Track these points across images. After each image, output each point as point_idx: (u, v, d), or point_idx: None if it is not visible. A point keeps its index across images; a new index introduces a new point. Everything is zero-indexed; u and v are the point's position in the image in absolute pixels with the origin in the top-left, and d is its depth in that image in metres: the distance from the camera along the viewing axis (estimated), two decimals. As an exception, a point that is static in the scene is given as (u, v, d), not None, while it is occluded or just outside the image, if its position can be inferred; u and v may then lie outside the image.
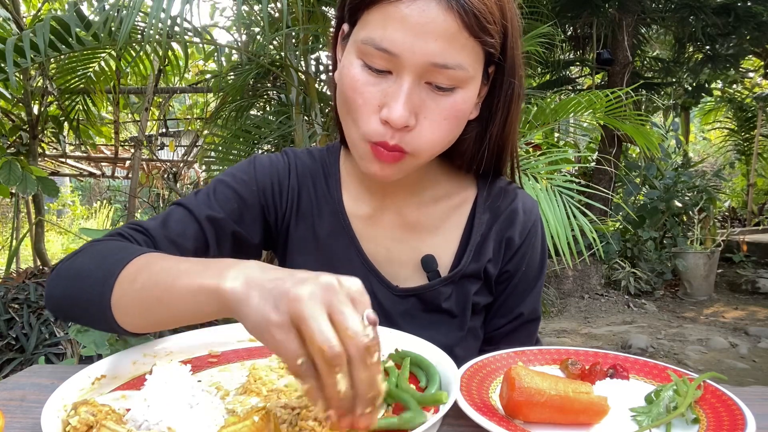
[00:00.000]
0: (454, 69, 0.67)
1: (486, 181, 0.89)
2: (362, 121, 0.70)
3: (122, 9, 2.18)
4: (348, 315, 0.47)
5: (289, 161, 0.88)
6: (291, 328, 0.47)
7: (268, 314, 0.48)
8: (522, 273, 0.89)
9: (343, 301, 0.48)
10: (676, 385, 0.63)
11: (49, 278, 0.74)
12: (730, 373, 3.30)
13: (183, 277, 0.57)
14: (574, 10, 5.02)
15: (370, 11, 0.68)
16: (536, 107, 2.53)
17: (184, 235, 0.79)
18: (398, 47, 0.66)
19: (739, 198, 8.63)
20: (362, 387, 0.47)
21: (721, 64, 5.69)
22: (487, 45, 0.68)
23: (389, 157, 0.71)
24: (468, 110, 0.73)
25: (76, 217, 8.34)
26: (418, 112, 0.69)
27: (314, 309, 0.47)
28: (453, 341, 0.85)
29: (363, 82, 0.69)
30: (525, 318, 0.89)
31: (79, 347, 2.13)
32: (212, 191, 0.83)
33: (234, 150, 3.15)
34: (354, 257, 0.85)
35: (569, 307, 4.82)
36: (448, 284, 0.85)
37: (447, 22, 0.64)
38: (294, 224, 0.87)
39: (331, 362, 0.46)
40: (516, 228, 0.87)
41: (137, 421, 0.55)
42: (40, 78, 3.67)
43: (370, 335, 0.47)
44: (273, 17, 3.01)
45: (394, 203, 0.87)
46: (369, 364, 0.47)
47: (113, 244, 0.72)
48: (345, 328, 0.47)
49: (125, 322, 0.64)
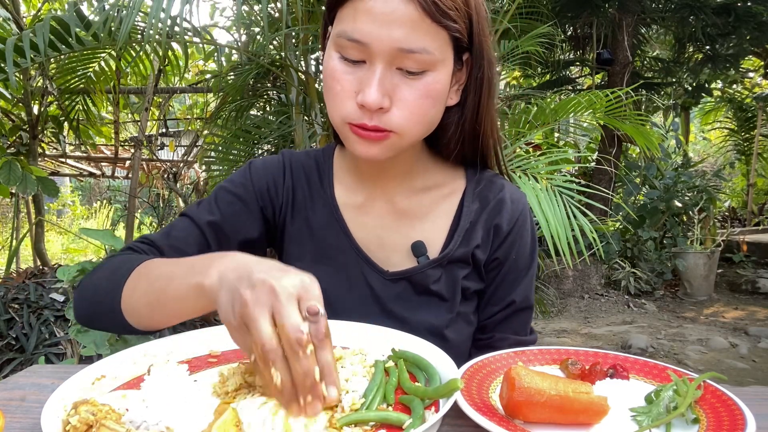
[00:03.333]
0: (420, 53, 0.72)
1: (474, 173, 0.94)
2: (341, 105, 0.76)
3: (122, 9, 2.18)
4: (285, 314, 0.53)
5: (284, 161, 0.95)
6: (244, 329, 0.54)
7: (228, 317, 0.55)
8: (512, 261, 0.91)
9: (283, 301, 0.53)
10: (676, 385, 0.63)
11: (74, 297, 0.86)
12: (730, 373, 3.30)
13: (175, 279, 0.66)
14: (574, 10, 5.01)
15: (342, 8, 0.75)
16: (536, 107, 2.52)
17: (187, 242, 0.87)
18: (367, 36, 0.72)
19: (739, 198, 8.63)
20: (298, 377, 0.53)
21: (721, 64, 5.68)
22: (451, 30, 0.74)
23: (371, 135, 0.76)
24: (441, 92, 0.78)
25: (76, 217, 8.35)
26: (391, 94, 0.75)
27: (256, 312, 0.53)
28: (443, 323, 0.89)
29: (341, 71, 0.75)
30: (517, 306, 0.92)
31: (79, 347, 2.13)
32: (213, 198, 0.91)
33: (234, 150, 3.15)
34: (346, 245, 0.90)
35: (569, 307, 4.82)
36: (437, 267, 0.89)
37: (408, 11, 0.70)
38: (290, 218, 0.93)
39: (264, 358, 0.52)
40: (504, 216, 0.91)
41: (136, 422, 0.55)
42: (40, 78, 3.67)
43: (305, 330, 0.53)
44: (273, 17, 3.01)
45: (384, 192, 0.91)
46: (302, 356, 0.53)
47: (123, 258, 0.81)
48: (281, 325, 0.52)
49: (138, 324, 0.74)
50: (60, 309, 2.56)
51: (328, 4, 0.78)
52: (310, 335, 0.53)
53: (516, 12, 2.75)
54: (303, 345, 0.52)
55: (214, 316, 2.60)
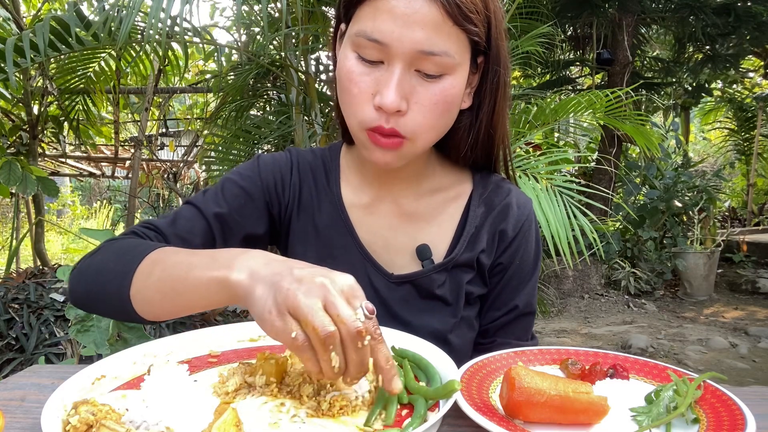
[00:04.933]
0: (440, 56, 0.71)
1: (481, 177, 0.93)
2: (358, 108, 0.75)
3: (122, 9, 2.18)
4: (339, 305, 0.55)
5: (292, 158, 0.93)
6: (288, 316, 0.55)
7: (270, 307, 0.56)
8: (516, 266, 0.91)
9: (335, 294, 0.55)
10: (676, 385, 0.63)
11: (71, 275, 0.81)
12: (730, 373, 3.30)
13: (195, 270, 0.64)
14: (574, 10, 5.01)
15: (361, 6, 0.73)
16: (536, 107, 2.52)
17: (192, 232, 0.85)
18: (387, 37, 0.70)
19: (739, 198, 8.63)
20: (353, 366, 0.56)
21: (721, 64, 5.68)
22: (471, 33, 0.73)
23: (388, 143, 0.75)
24: (457, 96, 0.77)
25: (76, 217, 8.35)
26: (409, 97, 0.73)
27: (310, 301, 0.54)
28: (447, 327, 0.88)
29: (358, 73, 0.74)
30: (520, 311, 0.92)
31: (79, 347, 2.13)
32: (220, 189, 0.89)
33: (234, 150, 3.15)
34: (351, 246, 0.89)
35: (569, 307, 4.82)
36: (442, 271, 0.88)
37: (431, 12, 0.69)
38: (296, 217, 0.92)
39: (324, 341, 0.54)
40: (510, 221, 0.90)
41: (136, 422, 0.55)
42: (40, 78, 3.67)
43: (363, 320, 0.55)
44: (273, 17, 3.01)
45: (391, 194, 0.90)
46: (359, 347, 0.55)
47: (129, 242, 0.79)
48: (336, 315, 0.54)
49: (144, 311, 0.71)
50: (60, 309, 2.56)
51: (346, 2, 0.76)
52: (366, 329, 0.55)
53: (516, 12, 2.75)
54: (362, 336, 0.55)
55: (214, 316, 2.60)
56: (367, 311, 0.55)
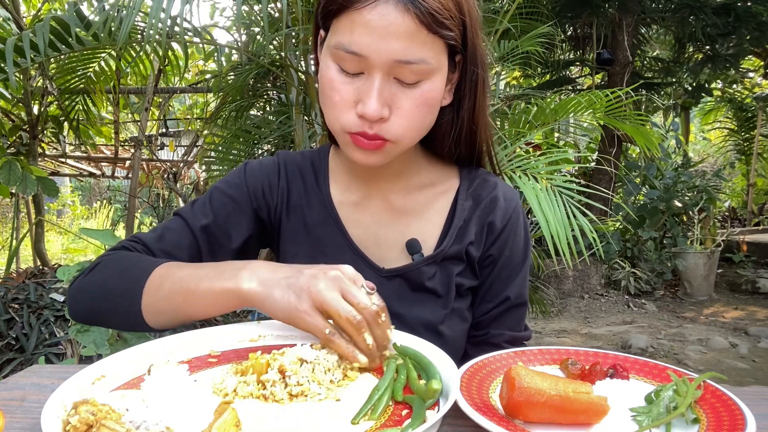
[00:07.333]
0: (417, 64, 0.73)
1: (468, 172, 0.95)
2: (341, 115, 0.77)
3: (122, 9, 2.18)
4: (356, 294, 0.67)
5: (279, 162, 0.96)
6: (316, 312, 0.66)
7: (295, 305, 0.66)
8: (506, 258, 0.93)
9: (350, 284, 0.67)
10: (676, 385, 0.63)
11: (69, 294, 0.85)
12: (730, 373, 3.30)
13: (204, 282, 0.73)
14: (574, 10, 5.01)
15: (338, 19, 0.75)
16: (536, 107, 2.52)
17: (179, 246, 0.89)
18: (365, 49, 0.72)
19: (739, 198, 8.63)
20: (380, 339, 0.68)
21: (721, 64, 5.68)
22: (447, 39, 0.75)
23: (371, 145, 0.78)
24: (437, 97, 0.79)
25: (76, 217, 8.35)
26: (390, 104, 0.76)
27: (332, 294, 0.66)
28: (438, 319, 0.90)
29: (339, 81, 0.76)
30: (511, 302, 0.93)
31: (79, 347, 2.13)
32: (209, 198, 0.92)
33: (234, 150, 3.15)
34: (342, 243, 0.91)
35: (569, 307, 4.82)
36: (432, 264, 0.90)
37: (405, 23, 0.71)
38: (286, 218, 0.94)
39: (357, 327, 0.65)
40: (497, 214, 0.92)
41: (136, 422, 0.55)
42: (40, 78, 3.68)
43: (377, 303, 0.68)
44: (273, 17, 3.01)
45: (380, 190, 0.92)
46: (381, 323, 0.68)
47: (128, 257, 0.83)
48: (357, 303, 0.66)
49: (155, 322, 0.78)
50: (60, 309, 2.56)
51: (323, 12, 0.78)
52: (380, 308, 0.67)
53: (516, 12, 2.75)
54: (380, 314, 0.67)
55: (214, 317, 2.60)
56: (369, 289, 0.68)
